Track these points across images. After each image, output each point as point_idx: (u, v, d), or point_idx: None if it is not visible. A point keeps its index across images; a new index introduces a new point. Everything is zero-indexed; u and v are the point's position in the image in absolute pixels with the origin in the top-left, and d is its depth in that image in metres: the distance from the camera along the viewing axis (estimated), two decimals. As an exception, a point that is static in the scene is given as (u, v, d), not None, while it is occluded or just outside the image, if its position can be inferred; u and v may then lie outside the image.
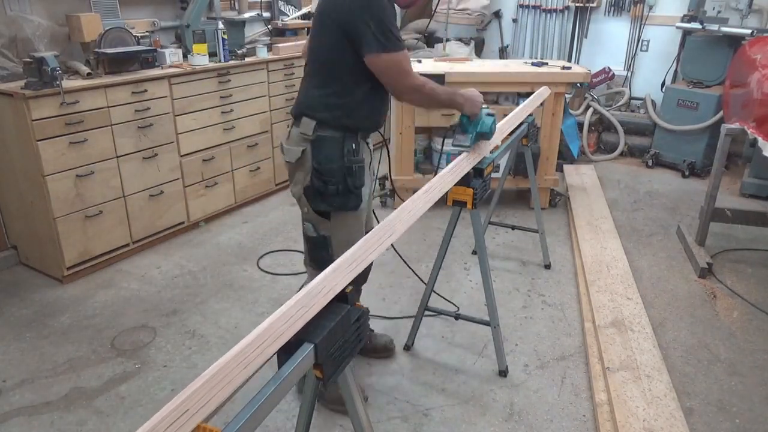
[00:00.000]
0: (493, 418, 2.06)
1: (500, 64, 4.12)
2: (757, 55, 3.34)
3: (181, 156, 3.32)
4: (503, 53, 5.84)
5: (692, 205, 3.94)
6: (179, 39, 3.58)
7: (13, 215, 2.99)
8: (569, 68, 3.72)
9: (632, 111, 5.08)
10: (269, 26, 4.32)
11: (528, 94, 2.90)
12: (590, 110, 4.96)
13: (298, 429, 1.35)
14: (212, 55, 3.49)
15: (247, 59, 3.66)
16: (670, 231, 3.58)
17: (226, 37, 3.51)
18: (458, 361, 2.36)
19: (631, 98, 5.17)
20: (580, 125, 4.88)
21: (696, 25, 4.38)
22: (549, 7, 5.49)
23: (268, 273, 3.03)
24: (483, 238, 2.20)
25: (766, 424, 2.04)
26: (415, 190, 1.58)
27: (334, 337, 1.05)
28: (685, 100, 4.51)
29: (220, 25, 3.53)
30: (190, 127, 3.33)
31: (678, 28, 4.66)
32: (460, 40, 5.57)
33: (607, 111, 4.96)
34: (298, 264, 3.10)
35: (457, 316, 2.34)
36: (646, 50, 5.18)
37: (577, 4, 5.27)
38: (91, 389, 2.17)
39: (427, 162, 3.98)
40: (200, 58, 3.33)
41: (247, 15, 3.97)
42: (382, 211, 3.82)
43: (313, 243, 1.86)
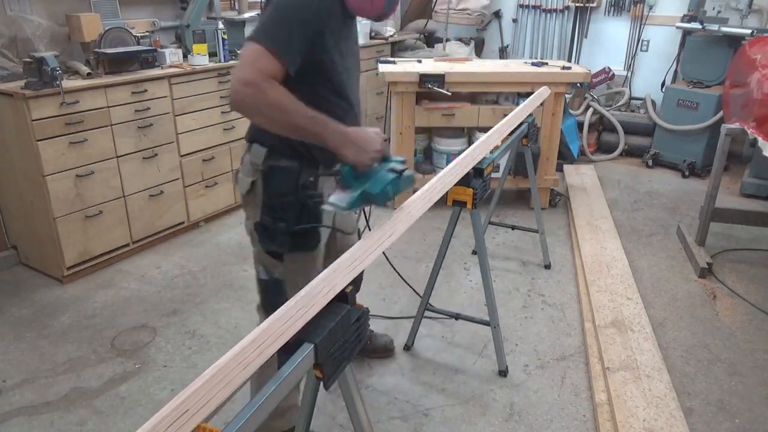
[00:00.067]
0: (493, 418, 2.06)
1: (500, 64, 4.12)
2: (757, 55, 3.34)
3: (181, 156, 3.32)
4: (503, 53, 5.84)
5: (692, 205, 3.94)
6: (179, 39, 3.58)
7: (13, 215, 3.00)
8: (569, 68, 3.72)
9: (632, 111, 5.08)
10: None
11: (528, 94, 2.90)
12: (590, 110, 4.96)
13: (298, 429, 1.35)
14: (212, 55, 3.49)
15: (248, 59, 3.65)
16: (670, 231, 3.58)
17: (226, 37, 3.51)
18: (458, 361, 2.36)
19: (631, 98, 5.17)
20: (580, 125, 4.88)
21: (696, 25, 4.38)
22: (549, 7, 5.49)
23: (268, 273, 3.03)
24: (483, 238, 2.21)
25: (766, 424, 2.04)
26: (415, 191, 1.58)
27: (334, 337, 1.05)
28: (685, 100, 4.51)
29: (220, 25, 3.53)
30: (190, 127, 3.33)
31: (678, 28, 4.66)
32: (460, 40, 5.57)
33: (607, 111, 4.96)
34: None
35: (457, 316, 2.34)
36: (646, 50, 5.17)
37: (577, 4, 5.27)
38: (91, 389, 2.17)
39: (427, 162, 3.98)
40: (200, 58, 3.33)
41: (247, 15, 3.97)
42: (382, 211, 3.81)
43: (264, 286, 1.65)
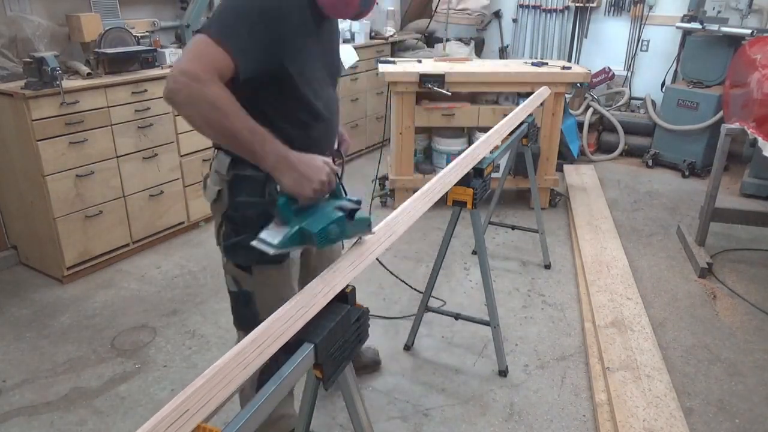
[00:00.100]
0: (493, 418, 2.06)
1: (500, 64, 4.12)
2: (757, 55, 3.34)
3: (181, 156, 3.32)
4: (503, 53, 5.84)
5: (692, 205, 3.94)
6: (179, 39, 3.58)
7: (13, 215, 3.00)
8: (569, 68, 3.72)
9: (632, 111, 5.08)
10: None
11: (528, 94, 2.90)
12: (590, 110, 4.96)
13: (298, 429, 1.35)
14: (212, 55, 3.48)
15: (247, 59, 3.65)
16: (670, 231, 3.58)
17: (226, 37, 3.50)
18: (458, 361, 2.36)
19: (631, 98, 5.17)
20: (580, 125, 4.87)
21: (696, 25, 4.38)
22: (549, 7, 5.49)
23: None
24: (483, 238, 2.21)
25: (766, 424, 2.04)
26: (415, 191, 1.58)
27: (334, 337, 1.05)
28: (685, 100, 4.51)
29: (220, 25, 3.52)
30: (190, 127, 3.32)
31: (678, 28, 4.66)
32: (460, 40, 5.57)
33: (607, 111, 4.96)
34: (298, 264, 3.10)
35: (457, 316, 2.34)
36: (646, 50, 5.17)
37: (577, 4, 5.27)
38: (91, 389, 2.17)
39: (427, 162, 3.98)
40: (200, 58, 3.32)
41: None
42: (382, 211, 3.82)
43: (234, 299, 1.62)
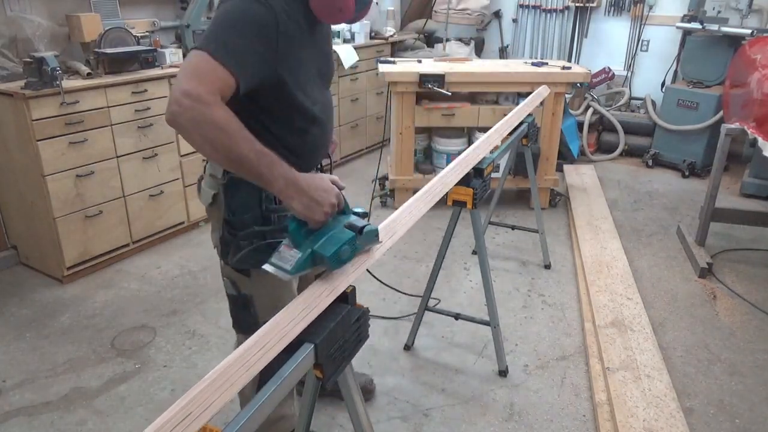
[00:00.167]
0: (493, 418, 2.06)
1: (500, 64, 4.12)
2: (757, 55, 3.34)
3: (181, 156, 3.32)
4: (503, 53, 5.84)
5: (692, 205, 3.94)
6: (179, 39, 3.58)
7: (13, 215, 3.00)
8: (569, 68, 3.72)
9: (632, 111, 5.08)
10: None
11: (528, 94, 2.90)
12: (590, 110, 4.96)
13: (298, 429, 1.35)
14: (212, 55, 3.48)
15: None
16: (670, 231, 3.58)
17: (226, 37, 3.50)
18: (458, 361, 2.36)
19: (631, 98, 5.17)
20: (580, 125, 4.88)
21: (696, 25, 4.38)
22: (549, 7, 5.49)
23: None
24: (483, 238, 2.21)
25: (766, 424, 2.04)
26: (415, 191, 1.58)
27: (334, 337, 1.05)
28: (685, 100, 4.51)
29: (220, 25, 3.52)
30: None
31: (678, 28, 4.66)
32: (460, 40, 5.57)
33: (607, 111, 4.96)
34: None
35: (457, 316, 2.34)
36: (646, 50, 5.18)
37: (577, 4, 5.27)
38: (91, 389, 2.17)
39: (427, 162, 3.99)
40: (200, 58, 3.32)
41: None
42: (382, 211, 3.82)
43: (233, 302, 1.58)
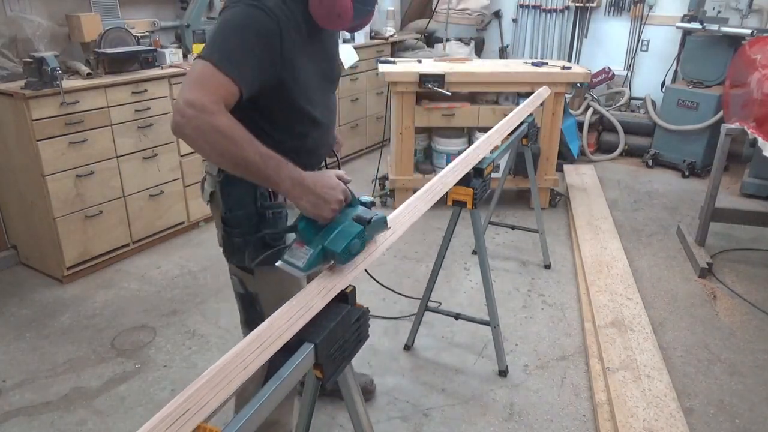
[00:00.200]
0: (493, 418, 2.06)
1: (500, 64, 4.12)
2: (757, 55, 3.34)
3: (181, 156, 3.32)
4: (503, 53, 5.84)
5: (692, 205, 3.94)
6: (179, 39, 3.58)
7: (13, 215, 3.00)
8: (569, 68, 3.72)
9: (632, 111, 5.08)
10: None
11: (528, 94, 2.90)
12: (590, 110, 4.96)
13: (298, 429, 1.35)
14: (212, 55, 3.48)
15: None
16: (670, 231, 3.58)
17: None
18: (458, 361, 2.36)
19: (631, 98, 5.17)
20: (580, 125, 4.87)
21: (696, 25, 4.38)
22: (549, 7, 5.49)
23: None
24: (483, 238, 2.21)
25: (766, 424, 2.04)
26: (415, 191, 1.58)
27: (334, 337, 1.05)
28: (685, 100, 4.51)
29: (220, 25, 3.52)
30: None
31: (678, 28, 4.66)
32: (460, 40, 5.57)
33: (607, 111, 4.96)
34: (298, 264, 3.09)
35: (457, 316, 2.34)
36: (646, 50, 5.17)
37: (577, 4, 5.27)
38: (91, 389, 2.17)
39: (427, 162, 3.98)
40: (200, 58, 3.32)
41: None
42: (383, 210, 3.81)
43: (240, 300, 1.58)
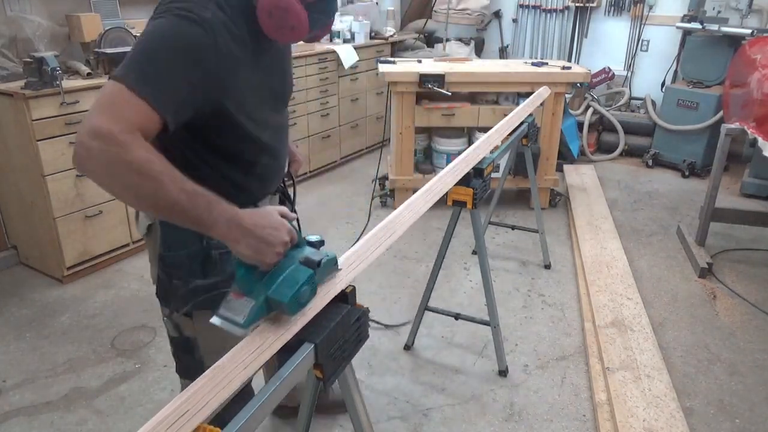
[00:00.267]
0: (493, 418, 2.06)
1: (500, 64, 4.12)
2: (757, 55, 3.34)
3: (181, 156, 3.31)
4: (503, 53, 5.84)
5: (692, 205, 3.94)
6: (179, 39, 3.58)
7: (13, 215, 2.99)
8: (569, 68, 3.72)
9: (632, 111, 5.08)
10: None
11: (528, 94, 2.90)
12: (590, 110, 4.96)
13: (298, 430, 1.35)
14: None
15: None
16: (670, 231, 3.58)
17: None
18: (458, 361, 2.36)
19: (631, 98, 5.17)
20: (580, 125, 4.87)
21: (696, 25, 4.38)
22: (549, 7, 5.49)
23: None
24: (483, 238, 2.20)
25: (766, 424, 2.04)
26: (415, 191, 1.58)
27: (334, 337, 1.05)
28: (685, 100, 4.51)
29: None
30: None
31: (678, 28, 4.65)
32: (460, 40, 5.57)
33: (607, 111, 4.96)
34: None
35: (457, 316, 2.34)
36: (646, 50, 5.17)
37: (577, 4, 5.27)
38: (91, 389, 2.17)
39: (427, 162, 3.98)
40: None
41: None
42: (382, 210, 3.82)
43: (174, 345, 1.41)
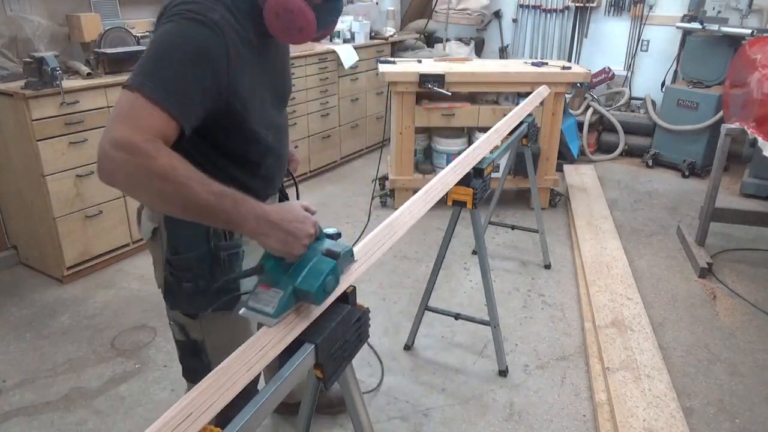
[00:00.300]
0: (493, 418, 2.06)
1: (500, 64, 4.12)
2: (757, 55, 3.34)
3: (181, 156, 3.31)
4: (503, 53, 5.84)
5: (692, 205, 3.94)
6: (179, 39, 3.57)
7: (13, 215, 2.99)
8: (569, 68, 3.72)
9: (632, 111, 5.08)
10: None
11: (528, 94, 2.90)
12: (590, 110, 4.96)
13: (298, 429, 1.35)
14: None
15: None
16: (670, 231, 3.58)
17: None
18: (458, 361, 2.36)
19: (631, 98, 5.17)
20: (580, 125, 4.88)
21: (696, 25, 4.38)
22: (549, 7, 5.49)
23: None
24: (483, 238, 2.21)
25: (766, 424, 2.04)
26: (415, 191, 1.58)
27: (334, 337, 1.05)
28: (685, 100, 4.51)
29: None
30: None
31: (678, 28, 4.66)
32: (460, 40, 5.57)
33: (607, 111, 4.96)
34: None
35: (457, 316, 2.34)
36: (646, 50, 5.17)
37: (577, 4, 5.27)
38: (91, 389, 2.17)
39: (427, 162, 3.98)
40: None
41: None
42: (382, 211, 3.82)
43: (181, 348, 1.43)
